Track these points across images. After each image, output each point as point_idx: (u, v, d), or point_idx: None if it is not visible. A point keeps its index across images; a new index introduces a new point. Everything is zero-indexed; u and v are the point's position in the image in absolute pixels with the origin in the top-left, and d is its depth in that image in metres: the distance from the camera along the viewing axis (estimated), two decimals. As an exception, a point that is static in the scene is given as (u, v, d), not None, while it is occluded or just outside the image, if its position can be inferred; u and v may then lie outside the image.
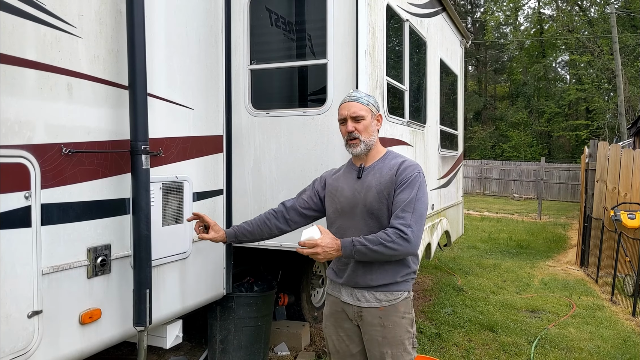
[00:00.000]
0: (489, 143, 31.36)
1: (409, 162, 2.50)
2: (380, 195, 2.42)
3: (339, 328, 2.60)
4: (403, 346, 2.45)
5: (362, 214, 2.46)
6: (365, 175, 2.52)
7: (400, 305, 2.47)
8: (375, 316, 2.46)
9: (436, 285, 7.05)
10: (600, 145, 8.52)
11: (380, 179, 2.46)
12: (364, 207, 2.45)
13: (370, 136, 2.50)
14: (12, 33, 2.29)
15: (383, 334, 2.45)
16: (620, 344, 4.94)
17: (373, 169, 2.52)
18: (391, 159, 2.54)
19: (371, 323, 2.47)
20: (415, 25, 4.68)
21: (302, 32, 3.87)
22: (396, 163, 2.49)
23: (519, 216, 16.56)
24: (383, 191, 2.42)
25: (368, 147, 2.50)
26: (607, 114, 25.73)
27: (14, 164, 2.29)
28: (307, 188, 2.79)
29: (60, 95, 2.52)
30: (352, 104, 2.49)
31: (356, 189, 2.51)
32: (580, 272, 8.37)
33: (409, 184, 2.39)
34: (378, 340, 2.45)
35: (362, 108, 2.48)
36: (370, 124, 2.50)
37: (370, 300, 2.46)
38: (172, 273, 3.30)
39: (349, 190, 2.53)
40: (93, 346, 2.74)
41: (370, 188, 2.46)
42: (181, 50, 3.36)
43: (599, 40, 26.85)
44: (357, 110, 2.47)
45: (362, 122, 2.47)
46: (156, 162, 3.12)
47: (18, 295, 2.31)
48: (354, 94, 2.54)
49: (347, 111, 2.49)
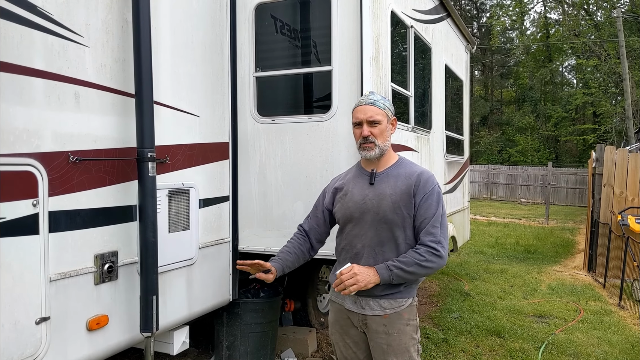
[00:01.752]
0: (495, 148, 31.26)
1: (427, 174, 2.46)
2: (395, 205, 2.39)
3: (345, 335, 2.58)
4: (408, 354, 2.44)
5: (373, 222, 2.43)
6: (378, 182, 2.47)
7: (405, 312, 2.45)
8: (380, 324, 2.44)
9: (443, 291, 7.02)
10: (607, 149, 8.47)
11: (395, 188, 2.42)
12: (377, 215, 2.41)
13: (386, 141, 2.46)
14: (20, 43, 2.32)
15: (388, 341, 2.43)
16: (629, 349, 4.91)
17: (387, 176, 2.48)
18: (406, 167, 2.50)
19: (376, 331, 2.45)
20: (420, 32, 4.70)
21: (307, 39, 3.89)
22: (413, 173, 2.45)
23: (526, 221, 16.47)
24: (399, 202, 2.39)
25: (382, 152, 2.46)
26: (615, 118, 25.60)
27: (22, 172, 2.32)
28: (312, 214, 2.73)
29: (68, 104, 2.56)
30: (369, 107, 2.44)
31: (367, 195, 2.46)
32: (588, 277, 8.31)
33: (432, 198, 2.38)
34: (383, 348, 2.44)
35: (379, 112, 2.44)
36: (386, 129, 2.47)
37: (375, 308, 2.44)
38: (179, 279, 3.31)
39: (359, 195, 2.48)
40: (100, 352, 2.76)
41: (385, 196, 2.41)
42: (187, 58, 3.39)
43: (606, 44, 26.75)
44: (373, 115, 2.43)
45: (379, 127, 2.43)
46: (162, 169, 3.14)
47: (26, 301, 2.33)
48: (370, 97, 2.48)
49: (363, 115, 2.44)
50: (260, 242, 3.84)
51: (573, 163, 28.34)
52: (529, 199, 23.25)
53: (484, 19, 38.07)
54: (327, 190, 2.70)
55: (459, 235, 6.39)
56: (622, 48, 20.63)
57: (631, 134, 19.07)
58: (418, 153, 4.57)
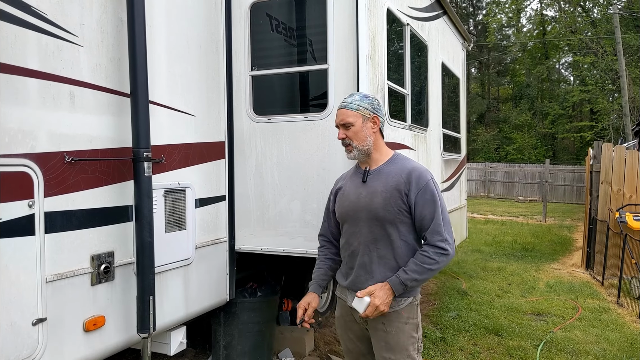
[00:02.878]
0: (492, 145, 31.29)
1: (419, 169, 2.45)
2: (387, 202, 2.39)
3: (349, 330, 2.63)
4: (407, 352, 2.44)
5: (366, 220, 2.44)
6: (370, 179, 2.49)
7: (404, 310, 2.46)
8: (379, 322, 2.46)
9: (440, 289, 7.03)
10: (605, 146, 8.48)
11: (386, 185, 2.43)
12: (369, 212, 2.42)
13: (363, 141, 2.48)
14: (15, 43, 2.31)
15: (386, 339, 2.45)
16: (627, 346, 4.92)
17: (379, 173, 2.49)
18: (398, 164, 2.50)
19: (375, 328, 2.48)
20: (416, 29, 4.69)
21: (303, 38, 3.88)
22: (404, 168, 2.46)
23: (524, 219, 16.49)
24: (389, 198, 2.39)
25: (362, 151, 2.49)
26: (612, 115, 25.63)
27: (17, 173, 2.31)
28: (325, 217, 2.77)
29: (63, 104, 2.54)
30: (341, 111, 2.51)
31: (360, 193, 2.48)
32: (586, 275, 8.33)
33: (427, 193, 2.39)
34: (382, 346, 2.46)
35: (350, 114, 2.48)
36: (361, 129, 2.48)
37: None
38: (176, 279, 3.31)
39: (353, 194, 2.51)
40: (97, 353, 2.75)
41: (376, 193, 2.42)
42: (182, 57, 3.38)
43: (603, 41, 26.77)
44: (344, 118, 2.49)
45: (352, 129, 2.48)
46: (158, 169, 3.13)
47: (22, 303, 2.32)
48: (345, 100, 2.54)
49: (338, 119, 2.53)
50: (257, 242, 3.83)
51: (570, 160, 28.39)
52: (526, 197, 23.29)
53: (480, 16, 38.07)
54: (331, 192, 2.74)
55: (456, 234, 6.35)
56: (619, 45, 20.70)
57: (628, 131, 19.10)
58: (415, 151, 4.57)
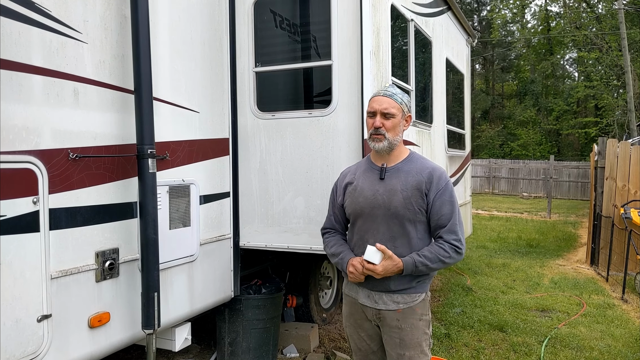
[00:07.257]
0: (497, 142, 31.22)
1: (439, 170, 2.46)
2: (407, 200, 2.38)
3: (359, 328, 2.60)
4: (420, 348, 2.45)
5: (384, 217, 2.42)
6: (388, 177, 2.46)
7: (418, 307, 2.46)
8: (393, 318, 2.45)
9: (445, 286, 7.02)
10: (609, 142, 8.44)
11: (406, 183, 2.41)
12: (388, 210, 2.41)
13: (396, 135, 2.44)
14: (19, 40, 2.31)
15: (401, 336, 2.44)
16: (632, 342, 4.90)
17: (397, 171, 2.46)
18: (417, 163, 2.49)
19: (389, 325, 2.47)
20: (421, 25, 4.67)
21: (307, 34, 3.87)
22: (424, 167, 2.45)
23: (528, 215, 16.45)
24: (410, 197, 2.38)
25: (391, 145, 2.44)
26: (617, 111, 25.53)
27: (21, 170, 2.31)
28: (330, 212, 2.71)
29: (67, 101, 2.54)
30: (385, 99, 2.43)
31: (378, 190, 2.45)
32: (591, 271, 8.30)
33: (446, 194, 2.41)
34: (396, 342, 2.45)
35: (395, 106, 2.42)
36: (399, 124, 2.44)
37: (388, 303, 2.45)
38: (180, 276, 3.31)
39: (369, 190, 2.47)
40: (102, 349, 2.75)
41: (395, 192, 2.40)
42: (186, 54, 3.37)
43: (607, 37, 26.64)
44: (388, 107, 2.41)
45: (392, 120, 2.41)
46: (163, 165, 3.13)
47: (27, 299, 2.33)
48: (389, 89, 2.47)
49: (378, 105, 2.42)
50: (261, 238, 3.84)
51: (575, 156, 28.30)
52: (531, 193, 23.22)
53: (485, 12, 37.98)
54: (338, 186, 2.67)
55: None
56: (624, 40, 20.56)
57: (633, 127, 19.01)
58: (419, 147, 4.56)
